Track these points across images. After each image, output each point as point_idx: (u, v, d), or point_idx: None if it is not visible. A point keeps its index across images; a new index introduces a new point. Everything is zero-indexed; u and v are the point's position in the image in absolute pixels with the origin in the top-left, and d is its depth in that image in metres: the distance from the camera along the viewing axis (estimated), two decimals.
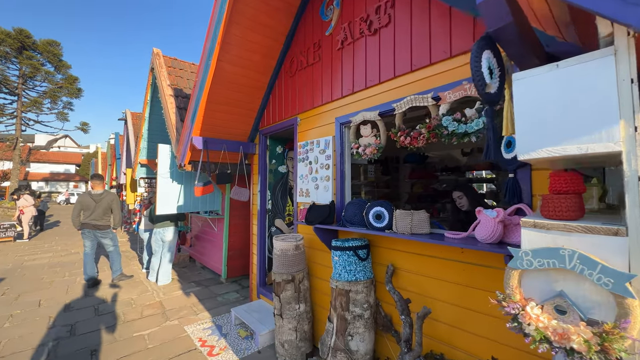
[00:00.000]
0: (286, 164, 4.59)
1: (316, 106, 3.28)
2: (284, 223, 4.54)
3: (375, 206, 2.36)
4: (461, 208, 2.75)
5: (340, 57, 2.98)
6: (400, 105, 2.34)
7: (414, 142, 2.25)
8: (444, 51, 2.11)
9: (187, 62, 6.46)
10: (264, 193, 4.35)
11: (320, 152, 3.17)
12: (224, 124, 4.09)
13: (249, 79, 3.80)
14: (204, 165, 4.13)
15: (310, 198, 3.30)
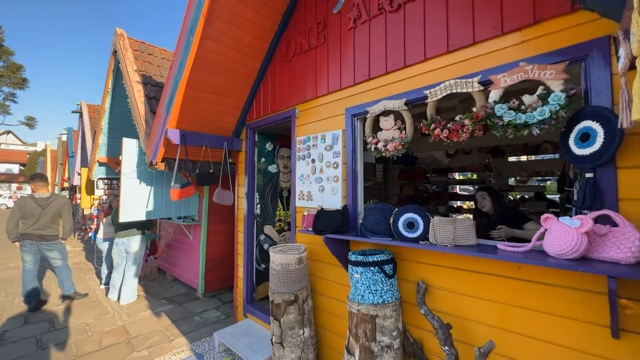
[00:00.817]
0: (277, 163, 4.07)
1: (320, 95, 2.83)
2: (274, 230, 4.02)
3: (405, 212, 1.97)
4: (481, 209, 2.50)
5: (352, 38, 2.56)
6: (435, 92, 1.97)
7: (454, 135, 1.88)
8: (493, 27, 1.77)
9: (158, 47, 5.69)
10: (251, 196, 3.80)
11: (327, 149, 2.72)
12: (206, 115, 3.49)
13: (237, 63, 3.25)
14: (182, 163, 3.49)
15: (313, 202, 2.83)
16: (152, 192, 4.26)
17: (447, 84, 1.91)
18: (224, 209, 4.95)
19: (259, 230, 3.85)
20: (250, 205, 3.79)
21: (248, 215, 3.78)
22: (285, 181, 4.14)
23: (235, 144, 3.86)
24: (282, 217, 4.09)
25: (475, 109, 1.79)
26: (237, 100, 3.62)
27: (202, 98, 3.29)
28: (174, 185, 3.26)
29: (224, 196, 3.67)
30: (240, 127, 3.87)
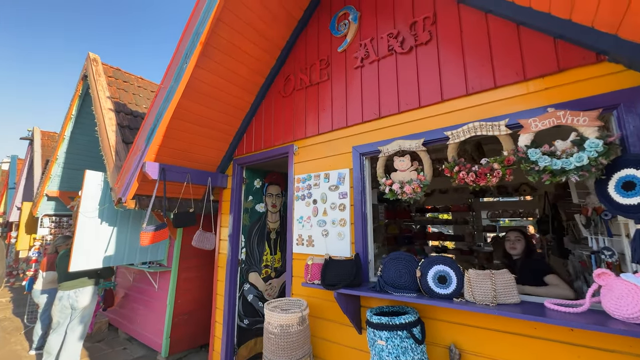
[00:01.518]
0: (265, 202, 3.73)
1: (323, 132, 2.67)
2: (260, 277, 3.55)
3: (434, 264, 1.74)
4: (509, 250, 2.30)
5: (360, 76, 2.50)
6: (457, 134, 1.88)
7: (481, 180, 1.77)
8: (516, 73, 1.76)
9: (134, 75, 5.35)
10: (236, 238, 3.37)
11: (332, 189, 2.49)
12: (191, 148, 3.15)
13: (230, 95, 3.04)
14: (157, 201, 3.03)
15: (315, 248, 2.52)
16: (115, 234, 3.63)
17: (472, 126, 1.83)
18: (200, 252, 4.36)
19: (242, 279, 3.37)
20: (234, 249, 3.34)
21: (231, 261, 3.31)
22: (273, 222, 3.78)
23: (219, 180, 3.50)
24: (269, 263, 3.66)
25: (505, 152, 1.70)
26: (226, 134, 3.34)
27: (188, 129, 2.98)
28: (147, 228, 2.76)
29: (205, 239, 3.20)
30: (226, 162, 3.55)
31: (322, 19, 2.91)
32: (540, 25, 1.69)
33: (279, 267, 3.74)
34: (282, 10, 2.80)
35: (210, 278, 4.48)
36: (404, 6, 2.33)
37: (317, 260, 2.25)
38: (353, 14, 2.62)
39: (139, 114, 4.50)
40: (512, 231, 2.31)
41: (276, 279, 3.69)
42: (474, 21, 1.97)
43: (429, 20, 2.17)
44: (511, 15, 1.80)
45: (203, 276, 4.38)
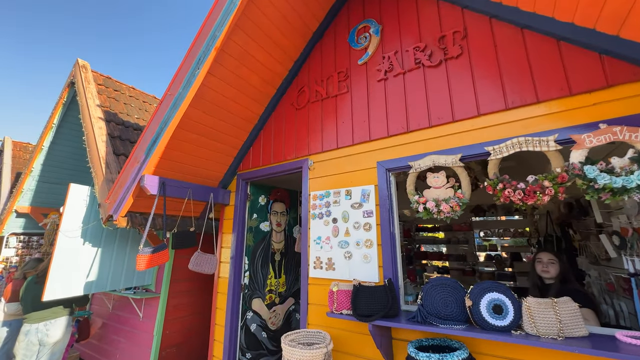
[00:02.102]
0: (270, 220, 3.47)
1: (343, 146, 2.52)
2: (264, 304, 3.22)
3: (487, 292, 1.57)
4: (543, 274, 2.13)
5: (384, 89, 2.40)
6: (500, 149, 1.78)
7: (530, 198, 1.65)
8: (560, 88, 1.70)
9: (125, 84, 5.06)
10: (239, 261, 3.07)
11: (354, 206, 2.30)
12: (194, 161, 2.89)
13: (240, 105, 2.86)
14: (156, 219, 2.71)
15: (336, 272, 2.28)
16: (99, 257, 3.22)
17: (516, 141, 1.74)
18: (194, 275, 3.97)
19: (245, 306, 3.04)
20: (236, 273, 3.03)
21: (234, 286, 2.98)
22: (278, 242, 3.51)
23: (221, 196, 3.23)
24: (273, 287, 3.34)
25: (558, 169, 1.60)
26: (232, 147, 3.12)
27: (193, 141, 2.74)
28: (144, 250, 2.43)
29: (203, 262, 2.87)
30: (229, 177, 3.30)
31: (339, 31, 2.84)
32: (584, 41, 1.66)
33: (283, 292, 3.44)
34: (299, 20, 2.71)
35: (205, 304, 4.08)
36: (430, 20, 2.29)
37: (344, 286, 2.02)
38: (374, 27, 2.57)
39: (131, 125, 4.19)
40: (545, 252, 2.16)
41: (280, 306, 3.38)
42: (509, 36, 1.93)
43: (459, 35, 2.12)
44: (551, 31, 1.77)
45: (196, 302, 3.97)
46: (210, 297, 4.19)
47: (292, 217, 3.72)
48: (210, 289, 4.20)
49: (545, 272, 2.09)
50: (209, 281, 4.19)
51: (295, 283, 3.61)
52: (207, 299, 4.19)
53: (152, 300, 3.79)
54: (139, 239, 3.69)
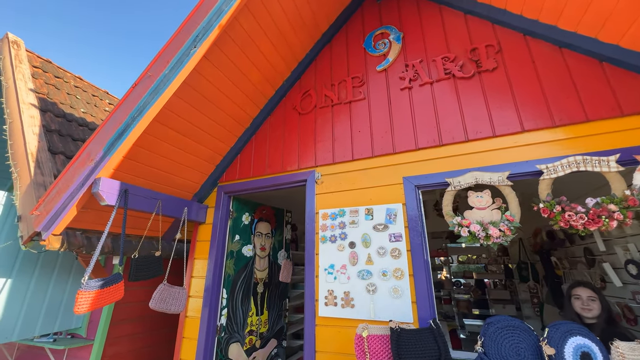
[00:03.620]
0: (253, 243, 2.89)
1: (359, 158, 2.19)
2: (243, 350, 2.56)
3: (571, 335, 1.29)
4: (584, 313, 1.92)
5: (409, 98, 2.17)
6: (554, 168, 1.62)
7: (594, 223, 1.48)
8: (612, 108, 1.63)
9: (70, 72, 4.16)
10: (215, 295, 2.42)
11: (378, 229, 1.94)
12: (168, 166, 2.28)
13: (234, 103, 2.39)
14: (113, 241, 1.99)
15: (356, 310, 1.84)
16: (6, 292, 2.29)
17: (572, 160, 1.59)
18: (145, 314, 3.12)
19: (221, 355, 2.36)
20: (212, 311, 2.37)
21: (207, 330, 2.31)
22: (261, 269, 2.93)
23: (195, 212, 2.60)
24: (254, 327, 2.71)
25: (625, 191, 1.47)
26: (216, 152, 2.58)
27: (172, 139, 2.17)
28: (89, 284, 1.69)
29: (171, 298, 2.17)
30: (208, 189, 2.71)
31: (351, 35, 2.61)
32: (630, 62, 1.63)
33: (265, 333, 2.82)
34: (311, 17, 2.42)
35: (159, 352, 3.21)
36: (458, 32, 2.18)
37: (375, 330, 1.59)
38: (395, 34, 2.39)
39: (75, 119, 3.35)
40: (582, 288, 1.97)
41: (261, 350, 2.74)
42: (547, 53, 1.87)
43: (492, 49, 2.02)
44: (592, 50, 1.73)
45: (145, 349, 3.09)
46: (167, 343, 3.33)
47: (277, 240, 3.19)
48: (167, 332, 3.35)
49: (587, 311, 1.87)
50: (165, 321, 3.35)
51: (279, 321, 3.01)
52: (163, 345, 3.32)
53: (80, 351, 2.84)
54: (69, 267, 2.80)
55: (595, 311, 1.85)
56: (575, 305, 1.93)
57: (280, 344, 2.97)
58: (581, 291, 1.92)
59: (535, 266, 4.51)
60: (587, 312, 1.86)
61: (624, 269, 2.42)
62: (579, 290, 1.93)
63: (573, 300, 1.96)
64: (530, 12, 1.91)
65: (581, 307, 1.89)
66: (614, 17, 1.58)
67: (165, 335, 3.34)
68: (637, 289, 2.32)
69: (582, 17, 1.70)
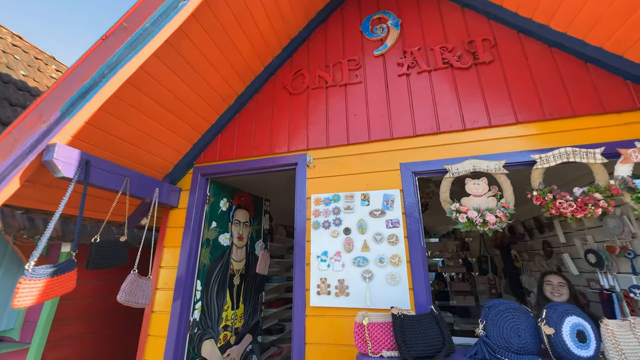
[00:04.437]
0: (230, 231, 2.66)
1: (355, 142, 2.11)
2: (216, 347, 2.34)
3: (567, 315, 1.34)
4: (554, 298, 2.08)
5: (407, 85, 2.15)
6: (546, 158, 1.69)
7: (581, 211, 1.57)
8: (593, 106, 1.75)
9: (8, 29, 3.49)
10: (188, 287, 2.17)
11: (374, 215, 1.88)
12: (139, 139, 1.99)
13: (220, 75, 2.17)
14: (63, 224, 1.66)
15: (351, 299, 1.76)
16: None
17: (564, 151, 1.67)
18: (95, 310, 2.72)
19: (193, 353, 2.12)
20: (184, 306, 2.12)
21: (178, 327, 2.06)
22: (238, 260, 2.71)
23: (166, 194, 2.31)
24: (229, 322, 2.49)
25: (612, 181, 1.57)
26: (195, 129, 2.32)
27: (146, 108, 1.88)
28: (35, 271, 1.36)
29: (139, 290, 1.87)
30: (182, 170, 2.43)
31: (347, 17, 2.52)
32: (611, 64, 1.76)
33: (240, 328, 2.61)
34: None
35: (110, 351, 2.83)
36: (455, 24, 2.21)
37: (376, 317, 1.52)
38: (393, 19, 2.35)
39: (13, 81, 2.80)
40: (553, 275, 2.14)
41: (236, 347, 2.53)
42: (539, 51, 1.96)
43: (488, 43, 2.07)
44: (580, 51, 1.84)
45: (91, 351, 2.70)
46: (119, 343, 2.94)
47: (255, 230, 2.99)
48: (119, 331, 2.97)
49: (557, 296, 2.02)
50: (117, 319, 2.96)
51: (254, 315, 2.82)
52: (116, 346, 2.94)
53: (11, 357, 2.39)
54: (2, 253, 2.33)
55: (564, 296, 2.00)
56: (546, 290, 2.08)
57: (256, 340, 2.78)
58: (552, 278, 2.07)
59: (494, 260, 4.87)
60: (557, 296, 2.01)
61: (580, 259, 2.68)
62: (551, 277, 2.08)
63: (545, 286, 2.11)
64: (525, 10, 1.99)
65: (551, 292, 2.04)
66: (603, 20, 1.69)
67: (117, 335, 2.95)
68: (591, 277, 2.58)
69: (574, 19, 1.80)
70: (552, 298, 2.05)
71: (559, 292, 2.03)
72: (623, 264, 2.21)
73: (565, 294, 2.03)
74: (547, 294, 2.08)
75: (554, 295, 2.04)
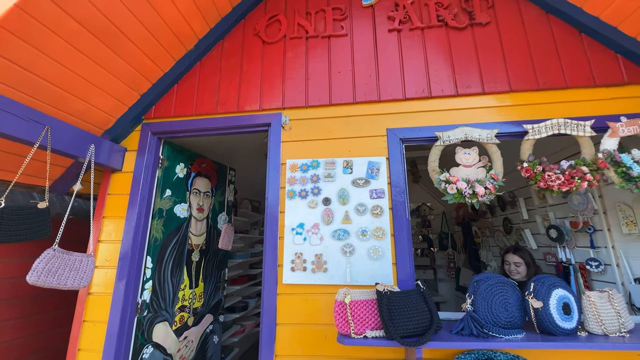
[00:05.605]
0: (189, 202, 2.31)
1: (338, 103, 1.86)
2: (171, 330, 2.06)
3: (554, 288, 1.30)
4: (513, 276, 2.14)
5: (397, 41, 1.92)
6: (539, 129, 1.62)
7: (568, 184, 1.54)
8: (587, 78, 1.70)
9: None
10: (136, 263, 1.84)
11: (357, 184, 1.69)
12: (60, 77, 1.53)
13: (177, 9, 1.74)
14: None
15: (329, 275, 1.59)
16: None
17: (555, 122, 1.61)
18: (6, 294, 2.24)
19: (142, 339, 1.82)
20: (131, 285, 1.79)
21: (125, 308, 1.73)
22: (198, 234, 2.39)
23: (107, 153, 1.88)
24: (186, 302, 2.20)
25: (600, 154, 1.54)
26: (141, 73, 1.88)
27: (69, 33, 1.43)
28: None
29: (67, 268, 1.49)
30: (126, 127, 1.99)
31: None
32: (605, 35, 1.70)
33: (199, 308, 2.35)
34: None
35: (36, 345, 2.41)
36: None
37: (358, 294, 1.37)
38: None
39: None
40: (511, 254, 2.17)
41: (195, 329, 2.28)
42: (536, 17, 1.85)
43: (485, 3, 1.91)
44: (576, 18, 1.76)
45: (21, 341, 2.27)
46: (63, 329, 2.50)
47: (218, 201, 2.67)
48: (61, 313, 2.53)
49: (514, 274, 2.08)
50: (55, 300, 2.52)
51: (216, 294, 2.57)
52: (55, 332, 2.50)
53: None
54: None
55: (521, 274, 2.06)
56: (505, 269, 2.14)
57: (217, 320, 2.55)
58: (509, 257, 2.13)
59: (453, 236, 5.10)
60: (515, 275, 2.07)
61: (539, 234, 2.82)
62: (508, 256, 2.14)
63: (504, 265, 2.16)
64: None
65: (509, 271, 2.10)
66: None
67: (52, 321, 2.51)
68: (548, 251, 2.73)
69: None
70: (512, 276, 2.10)
71: (516, 270, 2.09)
72: (581, 239, 2.34)
73: (522, 272, 2.09)
74: (507, 272, 2.14)
75: (512, 273, 2.10)
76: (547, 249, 2.75)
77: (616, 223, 2.02)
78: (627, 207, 1.92)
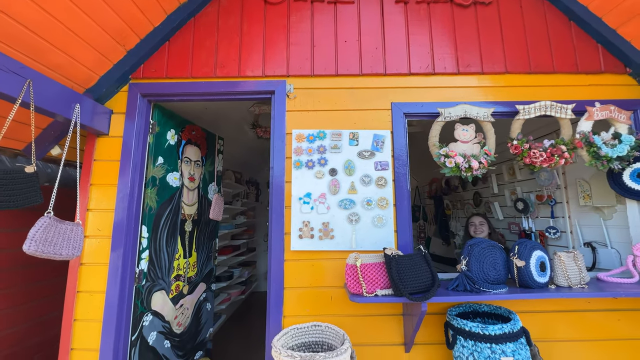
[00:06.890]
0: (181, 170, 2.21)
1: (344, 74, 1.85)
2: (168, 298, 2.05)
3: (534, 250, 1.51)
4: (476, 234, 2.44)
5: (404, 14, 1.91)
6: (529, 110, 1.76)
7: (548, 161, 1.73)
8: (572, 64, 1.85)
9: None
10: (132, 233, 1.76)
11: (363, 155, 1.75)
12: (38, 23, 1.32)
13: None
14: None
15: (335, 242, 1.67)
16: None
17: (544, 104, 1.76)
18: (8, 261, 2.04)
19: (141, 307, 1.80)
20: (128, 255, 1.73)
21: (123, 278, 1.68)
22: (190, 204, 2.32)
23: (91, 114, 1.71)
24: (181, 271, 2.18)
25: (577, 135, 1.74)
26: (128, 24, 1.69)
27: None
28: None
29: (61, 237, 1.39)
30: (111, 86, 1.81)
31: None
32: (590, 24, 1.84)
33: (193, 277, 2.35)
34: None
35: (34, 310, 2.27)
36: None
37: (367, 258, 1.47)
38: None
39: None
40: (476, 216, 2.48)
41: (190, 297, 2.29)
42: (532, 2, 1.94)
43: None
44: (567, 6, 1.87)
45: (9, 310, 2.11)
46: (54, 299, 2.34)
47: (208, 171, 2.58)
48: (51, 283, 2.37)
49: (479, 232, 2.39)
50: (45, 270, 2.34)
51: (208, 263, 2.57)
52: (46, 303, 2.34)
53: None
54: None
55: (484, 233, 2.37)
56: (470, 230, 2.44)
57: (209, 288, 2.57)
58: (475, 219, 2.43)
59: (425, 209, 5.48)
60: (479, 233, 2.37)
61: (505, 207, 3.15)
62: (473, 218, 2.45)
63: (469, 226, 2.46)
64: None
65: (474, 231, 2.40)
66: None
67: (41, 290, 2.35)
68: (512, 221, 3.08)
69: None
70: (474, 235, 2.41)
71: (480, 229, 2.40)
72: (542, 210, 2.67)
73: (485, 231, 2.40)
74: (471, 233, 2.44)
75: (476, 232, 2.41)
76: (511, 219, 3.10)
77: (574, 196, 2.33)
78: (585, 183, 2.21)
